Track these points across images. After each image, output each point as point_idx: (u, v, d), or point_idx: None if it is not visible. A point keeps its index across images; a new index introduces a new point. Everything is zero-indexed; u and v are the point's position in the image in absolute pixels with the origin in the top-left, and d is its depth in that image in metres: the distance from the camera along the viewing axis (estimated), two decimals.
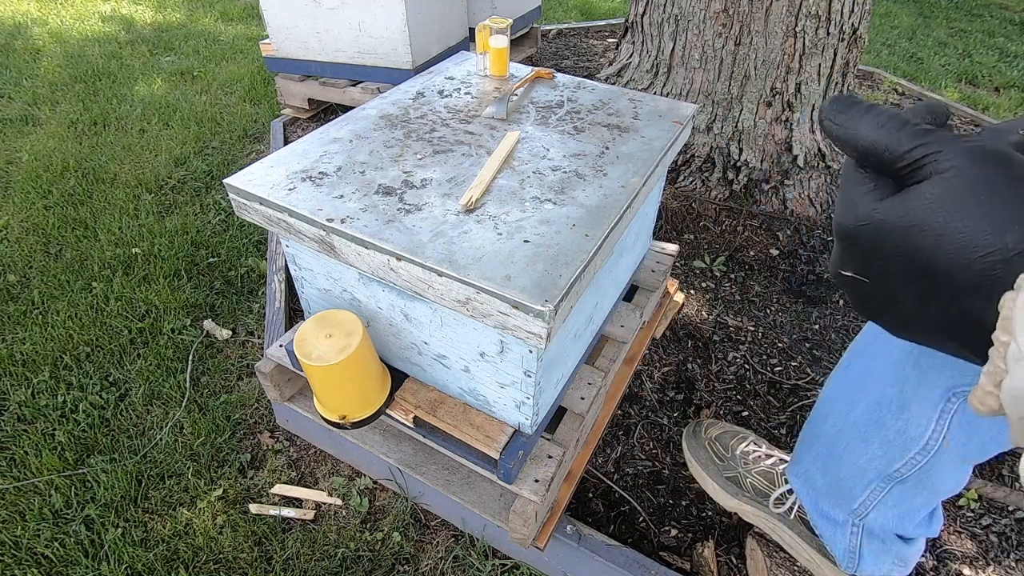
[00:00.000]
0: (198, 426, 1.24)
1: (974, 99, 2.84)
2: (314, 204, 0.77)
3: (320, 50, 2.11)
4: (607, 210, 0.78)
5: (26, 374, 1.34)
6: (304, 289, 0.97)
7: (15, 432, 1.23)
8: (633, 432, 1.24)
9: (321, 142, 0.90)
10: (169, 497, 1.13)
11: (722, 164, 1.89)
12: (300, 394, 1.12)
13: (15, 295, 1.56)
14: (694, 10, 1.79)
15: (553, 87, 1.10)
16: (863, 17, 1.78)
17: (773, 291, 1.60)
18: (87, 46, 3.01)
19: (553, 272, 0.68)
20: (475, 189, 0.79)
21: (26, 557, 1.03)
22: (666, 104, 1.05)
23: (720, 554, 1.05)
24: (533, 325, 0.65)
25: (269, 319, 1.43)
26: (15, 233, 1.77)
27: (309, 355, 0.78)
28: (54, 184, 1.97)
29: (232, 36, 3.23)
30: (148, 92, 2.59)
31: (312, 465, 1.19)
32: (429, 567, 1.04)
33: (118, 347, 1.42)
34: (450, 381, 0.89)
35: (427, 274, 0.70)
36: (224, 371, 1.37)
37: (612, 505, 1.12)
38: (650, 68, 2.00)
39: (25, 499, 1.11)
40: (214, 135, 2.29)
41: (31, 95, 2.52)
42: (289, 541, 1.07)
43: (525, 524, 0.88)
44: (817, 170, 1.89)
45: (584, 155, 0.89)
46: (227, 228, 1.80)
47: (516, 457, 0.84)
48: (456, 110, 1.01)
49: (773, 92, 1.81)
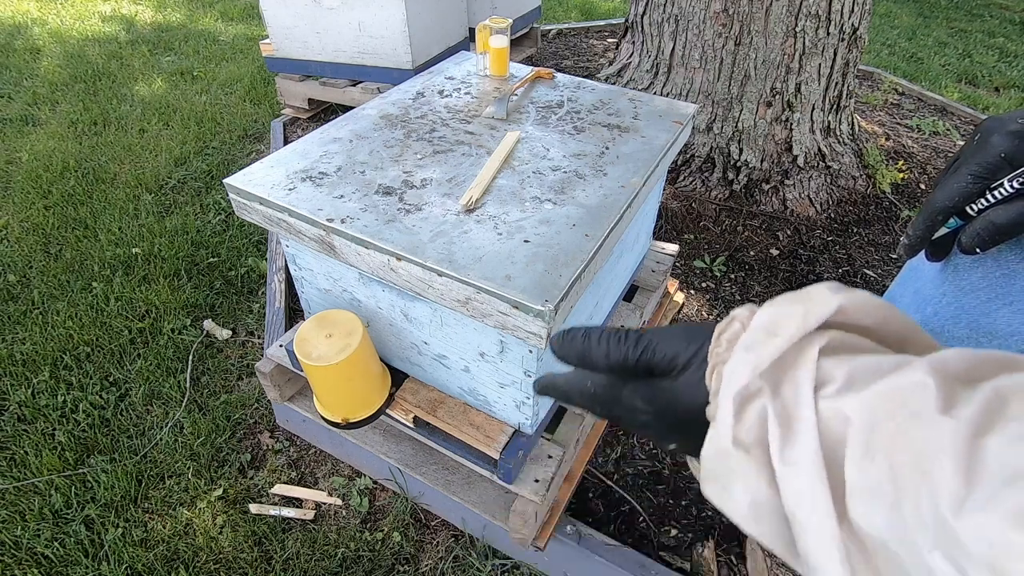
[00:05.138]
0: (198, 426, 1.24)
1: (974, 99, 2.84)
2: (314, 204, 0.77)
3: (320, 50, 2.11)
4: (607, 210, 0.78)
5: (26, 374, 1.34)
6: (304, 289, 0.97)
7: (15, 432, 1.23)
8: (633, 432, 1.24)
9: (321, 142, 0.90)
10: (169, 497, 1.13)
11: (722, 164, 1.89)
12: (300, 394, 1.12)
13: (15, 295, 1.56)
14: (694, 10, 1.79)
15: (553, 87, 1.10)
16: (863, 17, 1.78)
17: (773, 291, 1.60)
18: (87, 46, 3.02)
19: (553, 272, 0.68)
20: (475, 189, 0.79)
21: (26, 557, 1.03)
22: (666, 104, 1.05)
23: (720, 554, 1.05)
24: (533, 325, 0.65)
25: (269, 319, 1.43)
26: (15, 233, 1.77)
27: (309, 355, 0.78)
28: (54, 184, 1.97)
29: (232, 36, 3.23)
30: (148, 92, 2.59)
31: (312, 465, 1.19)
32: (429, 567, 1.04)
33: (118, 347, 1.42)
34: (450, 381, 0.89)
35: (427, 274, 0.70)
36: (224, 371, 1.37)
37: (612, 505, 1.12)
38: (650, 68, 2.00)
39: (25, 499, 1.11)
40: (214, 135, 2.29)
41: (31, 95, 2.52)
42: (289, 541, 1.07)
43: (525, 524, 0.88)
44: (817, 170, 1.89)
45: (584, 155, 0.89)
46: (227, 228, 1.80)
47: (516, 457, 0.84)
48: (456, 110, 1.01)
49: (773, 92, 1.81)
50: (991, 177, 0.43)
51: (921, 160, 2.16)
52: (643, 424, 0.35)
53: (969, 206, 0.45)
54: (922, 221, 0.47)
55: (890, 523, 0.24)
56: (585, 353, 0.37)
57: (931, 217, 0.46)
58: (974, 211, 0.44)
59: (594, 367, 0.37)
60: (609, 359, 0.36)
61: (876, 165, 1.99)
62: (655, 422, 0.35)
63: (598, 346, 0.36)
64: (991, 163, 0.42)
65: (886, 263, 1.72)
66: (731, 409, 0.29)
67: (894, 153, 2.15)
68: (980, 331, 0.49)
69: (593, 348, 0.36)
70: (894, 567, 0.25)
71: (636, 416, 0.35)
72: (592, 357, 0.36)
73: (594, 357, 0.36)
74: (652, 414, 0.35)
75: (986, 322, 0.48)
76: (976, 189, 0.43)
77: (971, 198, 0.44)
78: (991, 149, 0.42)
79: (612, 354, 0.35)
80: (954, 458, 0.23)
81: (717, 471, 0.30)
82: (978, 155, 0.43)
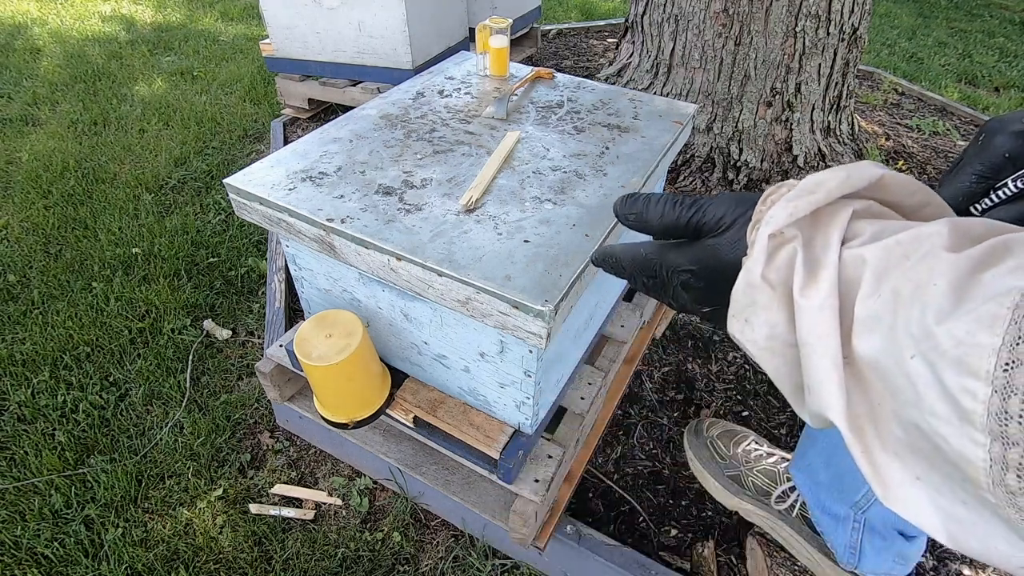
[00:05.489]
0: (198, 426, 1.24)
1: (974, 99, 2.84)
2: (314, 204, 0.77)
3: (320, 50, 2.11)
4: (607, 210, 0.78)
5: (26, 374, 1.34)
6: (304, 289, 0.97)
7: (15, 432, 1.23)
8: (633, 432, 1.24)
9: (321, 142, 0.90)
10: (169, 497, 1.13)
11: (722, 164, 1.89)
12: (300, 394, 1.12)
13: (15, 295, 1.56)
14: (694, 10, 1.79)
15: (553, 87, 1.10)
16: (863, 17, 1.78)
17: None
18: (87, 46, 3.02)
19: (553, 272, 0.68)
20: (475, 189, 0.79)
21: (26, 557, 1.03)
22: (666, 104, 1.05)
23: (720, 554, 1.05)
24: (533, 325, 0.65)
25: (269, 319, 1.43)
26: (15, 233, 1.77)
27: (309, 355, 0.77)
28: (54, 184, 1.97)
29: (232, 36, 3.23)
30: (148, 92, 2.59)
31: (312, 465, 1.19)
32: (429, 567, 1.04)
33: (118, 347, 1.42)
34: (450, 381, 0.89)
35: (427, 274, 0.70)
36: (224, 371, 1.37)
37: (612, 505, 1.12)
38: (650, 68, 2.00)
39: (25, 499, 1.11)
40: (214, 135, 2.29)
41: (31, 95, 2.52)
42: (289, 541, 1.07)
43: (525, 524, 0.88)
44: (817, 170, 1.89)
45: (584, 155, 0.89)
46: (227, 228, 1.80)
47: (516, 457, 0.84)
48: (456, 110, 1.01)
49: (773, 92, 1.81)
50: (995, 177, 0.43)
51: (921, 160, 2.16)
52: (684, 284, 0.37)
53: (973, 206, 0.45)
54: None
55: (883, 344, 0.26)
56: (644, 213, 0.39)
57: None
58: (978, 211, 0.45)
59: (649, 227, 0.39)
60: (664, 219, 0.38)
61: None
62: (695, 281, 0.37)
63: (655, 207, 0.39)
64: (995, 163, 0.42)
65: None
66: (765, 247, 0.31)
67: (894, 153, 2.15)
68: None
69: (651, 209, 0.39)
70: (880, 384, 0.27)
71: (679, 275, 0.37)
72: (649, 217, 0.39)
73: (651, 216, 0.39)
74: (693, 273, 0.36)
75: None
76: (980, 189, 0.43)
77: (975, 198, 0.44)
78: (995, 149, 0.43)
79: (667, 214, 0.38)
80: (950, 281, 0.25)
81: (743, 303, 0.33)
82: (982, 155, 0.43)
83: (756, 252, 0.31)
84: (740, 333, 0.34)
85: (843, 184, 0.31)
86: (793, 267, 0.30)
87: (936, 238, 0.27)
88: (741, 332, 0.33)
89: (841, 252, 0.29)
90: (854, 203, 0.32)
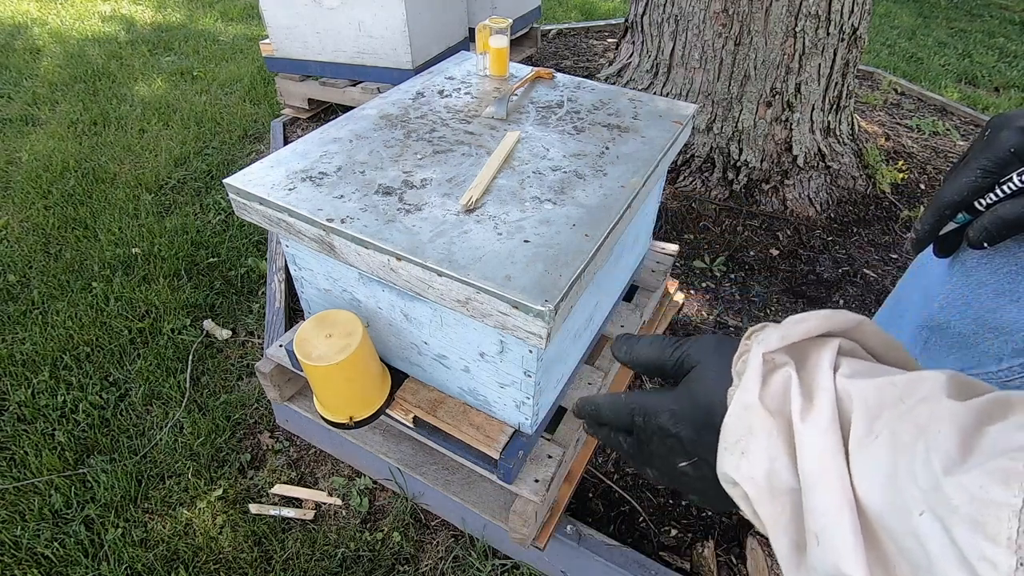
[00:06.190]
0: (198, 426, 1.24)
1: (974, 99, 2.84)
2: (314, 204, 0.77)
3: (320, 50, 2.11)
4: (607, 210, 0.78)
5: (26, 374, 1.34)
6: (304, 289, 0.97)
7: (15, 432, 1.23)
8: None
9: (321, 142, 0.90)
10: (169, 497, 1.13)
11: (722, 164, 1.89)
12: (300, 394, 1.12)
13: (15, 295, 1.56)
14: (694, 10, 1.80)
15: (553, 87, 1.10)
16: (863, 17, 1.78)
17: (773, 291, 1.60)
18: (87, 46, 3.01)
19: (553, 272, 0.68)
20: (475, 189, 0.79)
21: (26, 557, 1.03)
22: (666, 104, 1.05)
23: (720, 554, 1.05)
24: (533, 325, 0.65)
25: (269, 319, 1.43)
26: (15, 233, 1.77)
27: (309, 355, 0.77)
28: (54, 184, 1.97)
29: (232, 36, 3.23)
30: (148, 92, 2.59)
31: (312, 465, 1.19)
32: (429, 567, 1.04)
33: (118, 347, 1.42)
34: (450, 381, 0.89)
35: (427, 274, 0.70)
36: (224, 371, 1.37)
37: (612, 505, 1.12)
38: (650, 68, 2.00)
39: (25, 499, 1.11)
40: (214, 135, 2.29)
41: (31, 95, 2.52)
42: (289, 541, 1.07)
43: (525, 524, 0.88)
44: (817, 170, 1.89)
45: (584, 155, 0.89)
46: (227, 228, 1.80)
47: (516, 457, 0.84)
48: (456, 110, 1.01)
49: (773, 92, 1.81)
50: (1000, 172, 0.43)
51: (921, 160, 2.16)
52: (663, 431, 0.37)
53: (977, 201, 0.45)
54: (930, 215, 0.47)
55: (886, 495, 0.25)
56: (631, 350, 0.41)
57: (939, 211, 0.46)
58: (983, 206, 0.45)
59: (638, 363, 0.41)
60: (649, 356, 0.40)
61: (876, 165, 2.00)
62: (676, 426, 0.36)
63: (643, 345, 0.41)
64: (1000, 157, 0.42)
65: (886, 263, 1.72)
66: (759, 370, 0.31)
67: (894, 153, 2.15)
68: (987, 326, 0.49)
69: (639, 346, 0.41)
70: (891, 544, 0.25)
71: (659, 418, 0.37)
72: (636, 353, 0.41)
73: (638, 353, 0.41)
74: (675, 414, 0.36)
75: (993, 318, 0.48)
76: (985, 184, 0.43)
77: (979, 192, 0.44)
78: (1001, 144, 0.43)
79: (652, 352, 0.40)
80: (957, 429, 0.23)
81: (738, 432, 0.31)
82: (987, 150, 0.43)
83: (749, 376, 0.30)
84: (735, 470, 0.30)
85: (826, 321, 0.31)
86: (789, 393, 0.29)
87: (935, 384, 0.26)
88: (736, 469, 0.30)
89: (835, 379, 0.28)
90: (839, 339, 0.32)
